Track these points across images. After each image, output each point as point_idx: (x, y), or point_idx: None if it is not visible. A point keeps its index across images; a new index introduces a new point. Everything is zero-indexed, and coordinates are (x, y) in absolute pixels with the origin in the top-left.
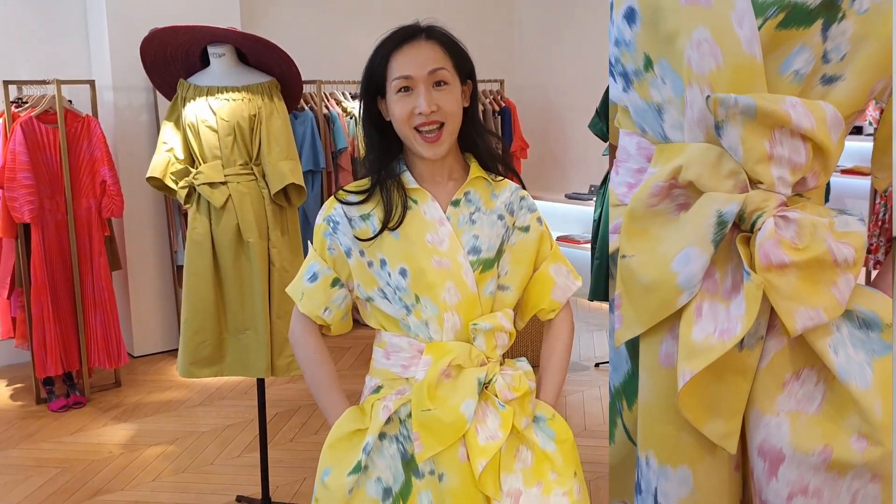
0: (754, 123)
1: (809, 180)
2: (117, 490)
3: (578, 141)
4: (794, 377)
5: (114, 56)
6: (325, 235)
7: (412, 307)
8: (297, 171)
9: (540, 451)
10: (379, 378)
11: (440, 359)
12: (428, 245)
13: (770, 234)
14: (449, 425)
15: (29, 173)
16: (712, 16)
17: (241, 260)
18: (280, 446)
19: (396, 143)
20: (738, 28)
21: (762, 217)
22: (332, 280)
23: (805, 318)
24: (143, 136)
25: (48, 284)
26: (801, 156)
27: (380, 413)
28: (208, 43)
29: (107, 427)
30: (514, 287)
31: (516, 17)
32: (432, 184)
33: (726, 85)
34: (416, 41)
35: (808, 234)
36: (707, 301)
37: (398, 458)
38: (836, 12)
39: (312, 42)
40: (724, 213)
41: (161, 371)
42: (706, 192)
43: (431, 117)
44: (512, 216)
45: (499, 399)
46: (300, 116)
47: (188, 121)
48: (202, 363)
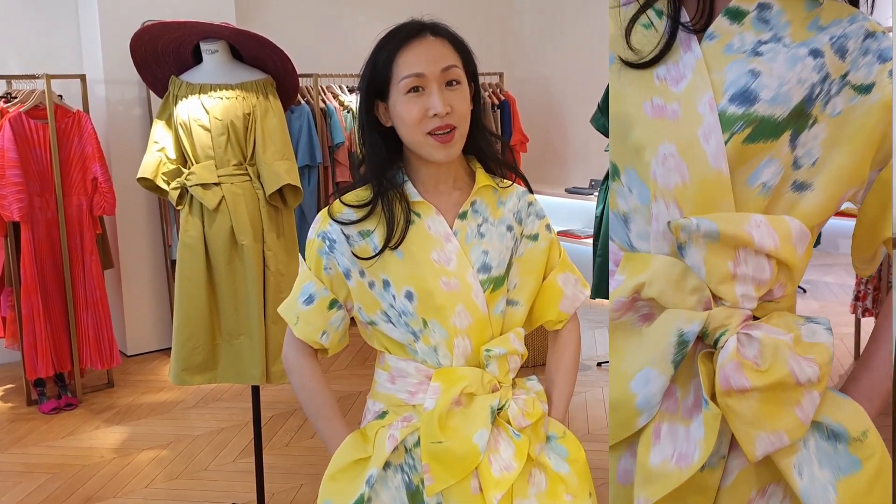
0: (717, 245)
1: (776, 291)
2: (109, 497)
3: (579, 135)
4: (759, 494)
5: (105, 50)
6: (320, 253)
7: (420, 333)
8: (294, 172)
9: (553, 474)
10: (383, 403)
11: (451, 387)
12: (434, 265)
13: (732, 356)
14: (461, 457)
15: (18, 170)
16: (679, 130)
17: (235, 263)
18: (276, 451)
19: (396, 151)
20: (704, 143)
21: (725, 335)
22: (330, 302)
23: (766, 443)
24: (135, 131)
25: (39, 284)
26: (765, 273)
27: (385, 443)
28: (201, 39)
29: (99, 430)
30: (523, 301)
31: (516, 8)
32: (436, 194)
33: (692, 200)
34: (423, 38)
35: (770, 355)
36: (666, 422)
37: (403, 489)
38: (805, 120)
39: (309, 35)
40: (686, 332)
41: (155, 371)
42: (668, 309)
43: (446, 119)
44: (520, 225)
45: (512, 427)
46: (296, 110)
47: (180, 119)
48: (195, 370)
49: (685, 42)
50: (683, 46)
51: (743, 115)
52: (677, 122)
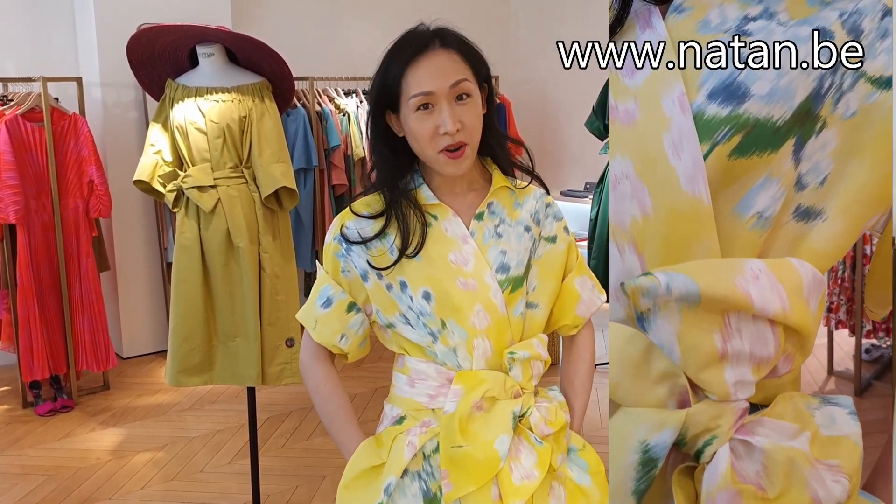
0: (698, 312)
1: (781, 367)
2: (105, 499)
3: (574, 138)
4: None
5: (101, 53)
6: (337, 257)
7: (438, 333)
8: (289, 174)
9: (574, 486)
10: (401, 408)
11: (472, 390)
12: (452, 266)
13: (724, 479)
14: (481, 463)
15: (14, 173)
16: (636, 139)
17: (231, 265)
18: (271, 453)
19: (408, 159)
20: (673, 157)
21: (712, 444)
22: (349, 305)
23: None
24: (131, 133)
25: (35, 286)
26: (768, 346)
27: (404, 450)
28: (197, 42)
29: (95, 432)
30: (542, 304)
31: (512, 11)
32: (452, 196)
33: (658, 240)
34: (432, 51)
35: (782, 474)
36: None
37: (420, 497)
38: (813, 123)
39: (305, 38)
40: (653, 446)
41: (150, 373)
42: (625, 409)
43: (457, 137)
44: (538, 226)
45: (534, 434)
46: (292, 113)
47: (176, 122)
48: (191, 371)
49: (643, 16)
50: (641, 22)
51: (729, 117)
52: (633, 129)
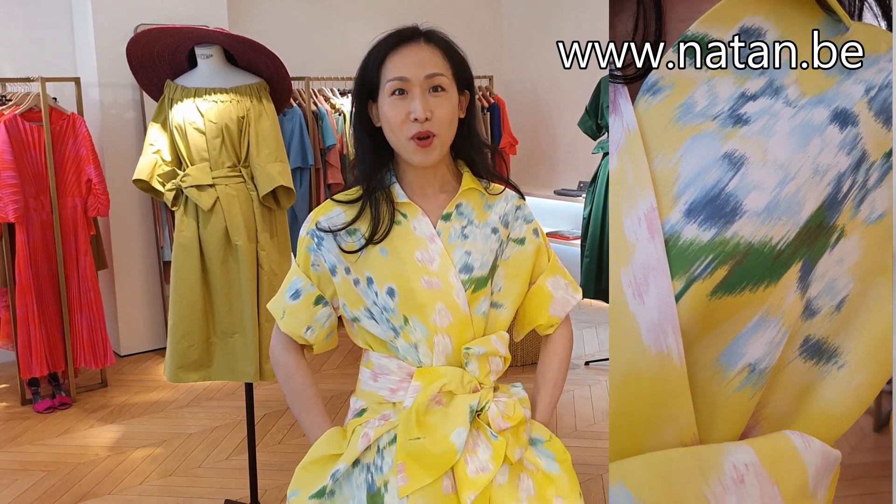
0: None
1: None
2: (104, 494)
3: (567, 137)
4: None
5: (99, 53)
6: (309, 250)
7: (400, 329)
8: (287, 174)
9: (544, 475)
10: (364, 401)
11: (430, 384)
12: (418, 264)
13: None
14: (438, 455)
15: (13, 172)
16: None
17: (230, 263)
18: (269, 448)
19: (387, 151)
20: (634, 300)
21: None
22: (316, 298)
23: None
24: (129, 133)
25: (33, 284)
26: None
27: (358, 441)
28: (196, 43)
29: (93, 429)
30: (508, 305)
31: (505, 12)
32: (423, 196)
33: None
34: (414, 43)
35: None
36: None
37: (364, 489)
38: (827, 236)
39: (301, 38)
40: None
41: (148, 371)
42: None
43: (425, 125)
44: (506, 228)
45: (491, 429)
46: (288, 113)
47: (175, 122)
48: (190, 367)
49: (612, 96)
50: (611, 105)
51: (713, 243)
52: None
